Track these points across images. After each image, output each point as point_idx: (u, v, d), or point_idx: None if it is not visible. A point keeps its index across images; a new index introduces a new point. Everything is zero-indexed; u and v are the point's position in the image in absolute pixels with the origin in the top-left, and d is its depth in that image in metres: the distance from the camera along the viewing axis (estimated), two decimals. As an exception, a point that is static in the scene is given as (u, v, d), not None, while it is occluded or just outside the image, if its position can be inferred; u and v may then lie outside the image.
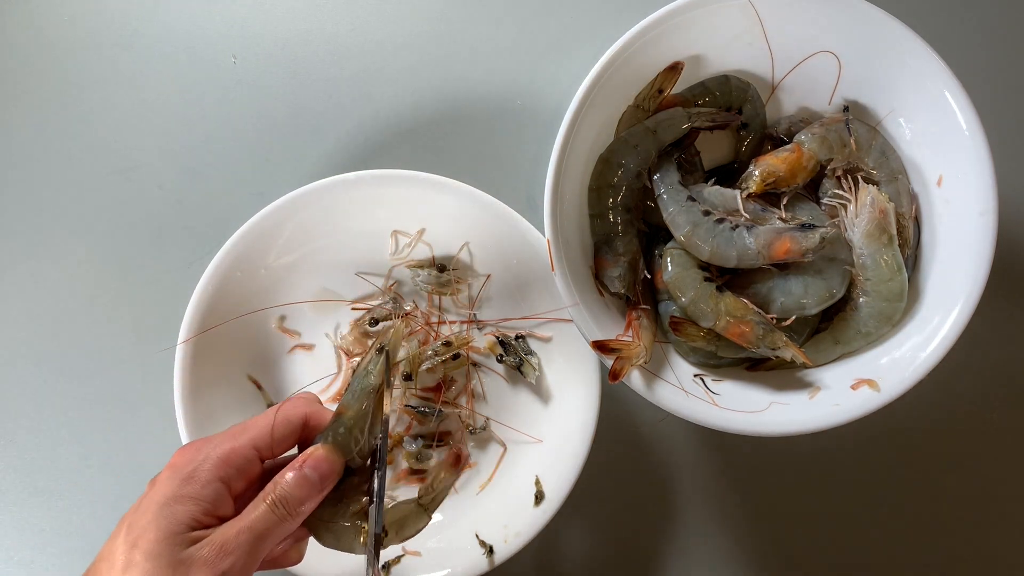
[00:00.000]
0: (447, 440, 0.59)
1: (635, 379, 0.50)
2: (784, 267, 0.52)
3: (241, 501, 0.43)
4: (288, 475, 0.43)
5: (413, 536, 0.47)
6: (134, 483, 0.60)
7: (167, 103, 0.63)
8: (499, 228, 0.56)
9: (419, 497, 0.47)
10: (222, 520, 0.42)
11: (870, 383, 0.50)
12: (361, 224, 0.57)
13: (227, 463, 0.42)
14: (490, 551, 0.54)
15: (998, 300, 0.59)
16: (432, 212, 0.56)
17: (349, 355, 0.59)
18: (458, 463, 0.48)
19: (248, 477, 0.43)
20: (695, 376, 0.52)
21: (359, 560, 0.55)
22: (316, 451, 0.44)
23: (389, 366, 0.46)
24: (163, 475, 0.42)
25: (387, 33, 0.64)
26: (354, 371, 0.45)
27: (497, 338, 0.58)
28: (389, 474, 0.59)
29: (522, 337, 0.58)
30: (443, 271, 0.58)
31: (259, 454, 0.44)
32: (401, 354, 0.56)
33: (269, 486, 0.43)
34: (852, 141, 0.52)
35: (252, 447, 0.43)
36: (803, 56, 0.53)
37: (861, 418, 0.49)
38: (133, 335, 0.61)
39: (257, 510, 0.42)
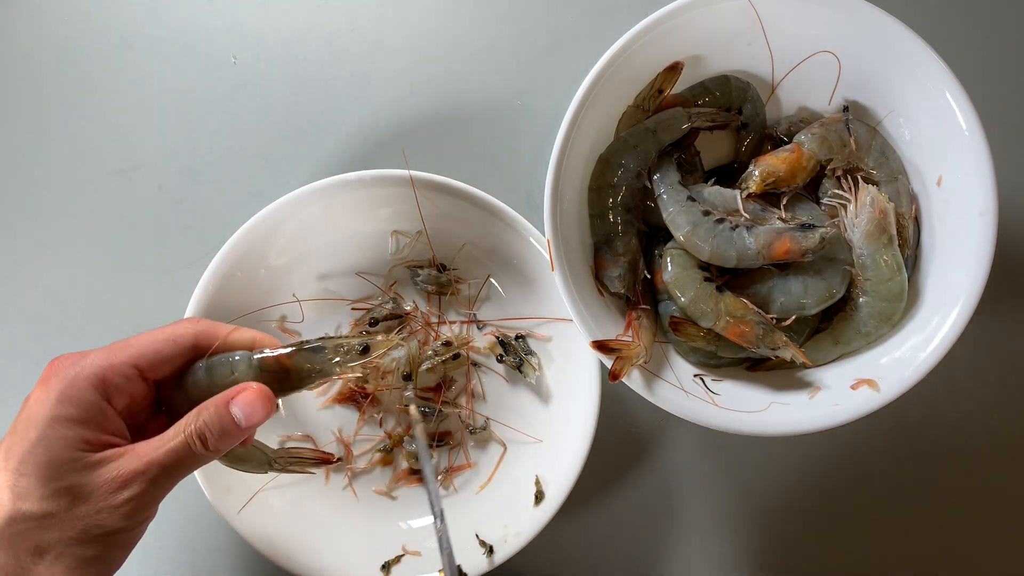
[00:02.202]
0: (448, 440, 0.59)
1: (635, 379, 0.50)
2: (784, 267, 0.52)
3: (128, 416, 0.41)
4: (214, 409, 0.40)
5: (241, 470, 0.46)
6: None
7: (167, 103, 0.63)
8: (499, 228, 0.56)
9: (277, 456, 0.46)
10: (113, 435, 0.39)
11: (870, 383, 0.50)
12: (361, 224, 0.57)
13: (104, 381, 0.40)
14: (490, 551, 0.54)
15: (998, 300, 0.59)
16: (432, 212, 0.56)
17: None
18: (326, 463, 0.48)
19: (131, 394, 0.41)
20: (695, 376, 0.52)
21: (359, 560, 0.55)
22: (250, 388, 0.41)
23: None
24: (35, 394, 0.39)
25: (387, 33, 0.64)
26: (329, 335, 0.43)
27: (497, 338, 0.58)
28: (389, 474, 0.59)
29: (522, 337, 0.58)
30: (443, 271, 0.58)
31: (141, 373, 0.41)
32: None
33: (191, 416, 0.40)
34: (852, 141, 0.52)
35: (132, 366, 0.41)
36: (803, 56, 0.53)
37: (861, 418, 0.49)
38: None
39: (173, 442, 0.39)
